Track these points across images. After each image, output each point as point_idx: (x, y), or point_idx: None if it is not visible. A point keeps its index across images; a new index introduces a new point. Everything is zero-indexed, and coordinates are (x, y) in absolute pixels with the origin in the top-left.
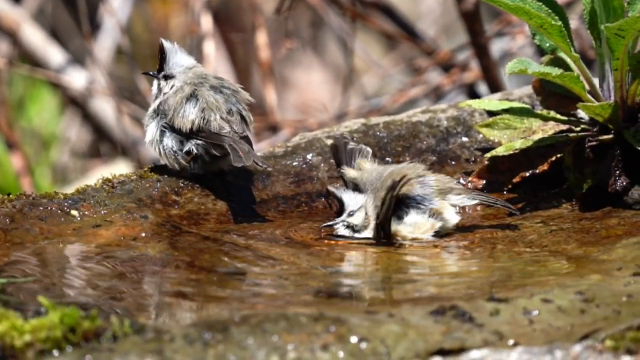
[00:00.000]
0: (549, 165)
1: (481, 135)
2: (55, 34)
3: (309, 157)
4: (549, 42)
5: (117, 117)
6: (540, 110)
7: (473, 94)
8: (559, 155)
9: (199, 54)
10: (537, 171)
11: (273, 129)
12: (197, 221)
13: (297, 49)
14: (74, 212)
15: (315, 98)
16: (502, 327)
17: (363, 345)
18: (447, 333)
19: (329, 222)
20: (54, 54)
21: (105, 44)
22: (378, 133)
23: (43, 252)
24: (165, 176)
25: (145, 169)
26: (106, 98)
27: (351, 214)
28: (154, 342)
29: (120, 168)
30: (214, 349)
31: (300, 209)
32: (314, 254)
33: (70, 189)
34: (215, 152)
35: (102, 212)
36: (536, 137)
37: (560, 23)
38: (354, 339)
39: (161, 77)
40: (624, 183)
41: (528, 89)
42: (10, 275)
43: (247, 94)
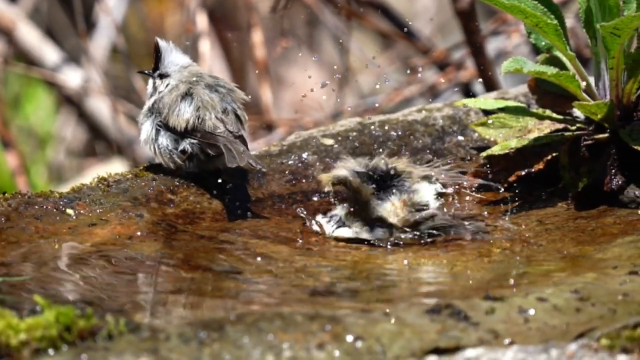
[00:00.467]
0: (544, 164)
1: (477, 134)
2: (51, 33)
3: (304, 155)
4: (544, 41)
5: (113, 116)
6: (535, 109)
7: (468, 93)
8: (554, 154)
9: (194, 53)
10: (533, 170)
11: (268, 127)
12: (193, 220)
13: (292, 48)
14: (70, 211)
15: (310, 95)
16: (497, 325)
17: (359, 344)
18: (442, 332)
19: (318, 218)
20: (50, 53)
21: (101, 42)
22: (374, 132)
23: (38, 250)
24: (161, 175)
25: (141, 167)
26: (102, 97)
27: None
28: (149, 341)
29: (116, 167)
30: (209, 347)
31: (295, 208)
32: (309, 253)
33: (65, 188)
34: (210, 152)
35: (98, 210)
36: (532, 136)
37: (555, 22)
38: (350, 338)
39: (156, 75)
40: (620, 182)
41: (524, 88)
42: (5, 274)
43: (242, 93)
